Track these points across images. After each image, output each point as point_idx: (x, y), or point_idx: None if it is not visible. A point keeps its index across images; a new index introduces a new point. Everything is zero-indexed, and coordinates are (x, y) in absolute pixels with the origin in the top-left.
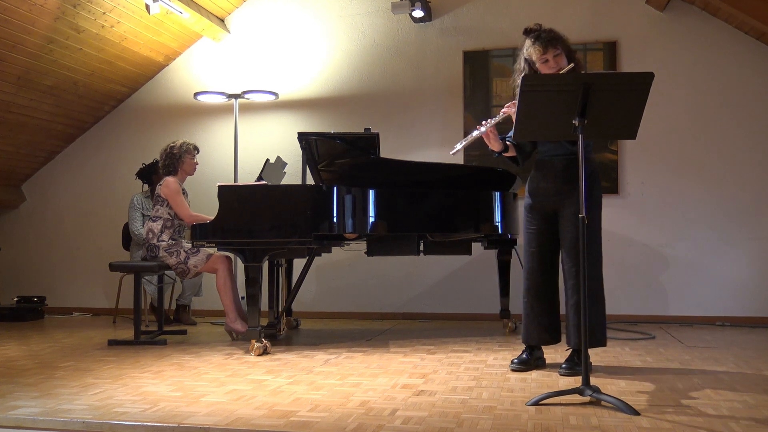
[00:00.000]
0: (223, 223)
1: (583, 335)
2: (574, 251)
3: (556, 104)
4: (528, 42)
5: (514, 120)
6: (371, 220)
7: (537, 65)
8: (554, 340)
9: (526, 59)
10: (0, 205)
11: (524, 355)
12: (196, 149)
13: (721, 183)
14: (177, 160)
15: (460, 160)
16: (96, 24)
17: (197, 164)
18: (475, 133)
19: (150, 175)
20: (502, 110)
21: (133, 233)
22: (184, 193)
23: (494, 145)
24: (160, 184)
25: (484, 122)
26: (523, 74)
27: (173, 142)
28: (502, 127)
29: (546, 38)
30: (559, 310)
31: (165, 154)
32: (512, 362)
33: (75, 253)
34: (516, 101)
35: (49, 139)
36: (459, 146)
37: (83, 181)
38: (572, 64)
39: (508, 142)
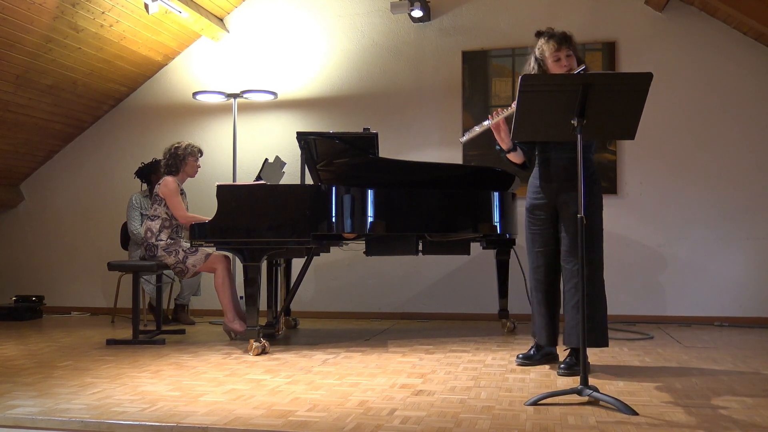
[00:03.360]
0: (222, 223)
1: (582, 334)
2: (574, 251)
3: (555, 104)
4: (541, 41)
5: None
6: (370, 219)
7: (548, 64)
8: (556, 341)
9: (537, 59)
10: None
11: (531, 351)
12: (200, 152)
13: (719, 183)
14: (180, 161)
15: (458, 159)
16: (95, 23)
17: (199, 167)
18: (485, 123)
19: (149, 174)
20: (514, 103)
21: (131, 232)
22: (182, 194)
23: (504, 141)
24: (159, 184)
25: (495, 112)
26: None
27: (178, 143)
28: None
29: (560, 36)
30: (560, 310)
31: (169, 154)
32: (518, 357)
33: (73, 252)
34: None
35: (47, 139)
36: (467, 136)
37: (82, 180)
38: (584, 65)
39: (519, 147)
